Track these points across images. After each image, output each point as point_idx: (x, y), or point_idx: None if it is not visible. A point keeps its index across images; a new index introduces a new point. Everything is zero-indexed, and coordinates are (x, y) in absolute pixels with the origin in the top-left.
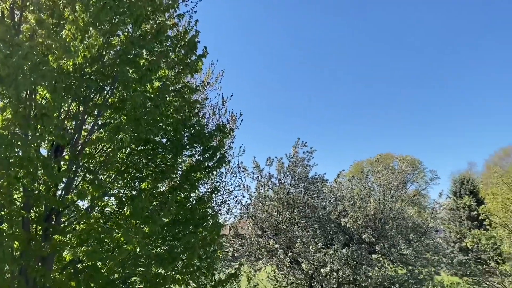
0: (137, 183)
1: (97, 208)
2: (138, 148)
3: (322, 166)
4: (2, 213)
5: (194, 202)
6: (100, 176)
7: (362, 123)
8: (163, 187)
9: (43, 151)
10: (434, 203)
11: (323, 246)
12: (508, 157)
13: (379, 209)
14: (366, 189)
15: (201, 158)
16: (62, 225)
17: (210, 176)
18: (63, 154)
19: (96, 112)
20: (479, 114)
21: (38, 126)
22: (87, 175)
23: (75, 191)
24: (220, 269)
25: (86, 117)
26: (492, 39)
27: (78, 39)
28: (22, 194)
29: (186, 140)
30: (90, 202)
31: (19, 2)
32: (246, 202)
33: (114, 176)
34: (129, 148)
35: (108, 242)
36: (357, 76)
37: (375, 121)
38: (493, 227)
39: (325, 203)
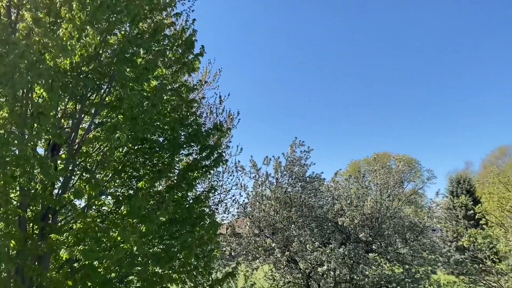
0: (134, 182)
1: (94, 207)
2: (135, 147)
3: (319, 165)
4: None
5: (191, 201)
6: (97, 175)
7: (359, 123)
8: (160, 186)
9: (40, 150)
10: (431, 202)
11: (320, 245)
12: (504, 156)
13: (376, 208)
14: (363, 188)
15: (198, 157)
16: (59, 224)
17: (207, 175)
18: (60, 153)
19: (93, 111)
20: (476, 113)
21: (35, 125)
22: (84, 174)
23: (72, 190)
24: (217, 268)
25: (83, 116)
26: (491, 39)
27: (75, 38)
28: (18, 193)
29: (183, 139)
30: (87, 201)
31: (16, 1)
32: (244, 201)
33: (111, 175)
34: (126, 147)
35: (105, 241)
36: (355, 76)
37: (373, 120)
38: (489, 226)
39: (322, 202)
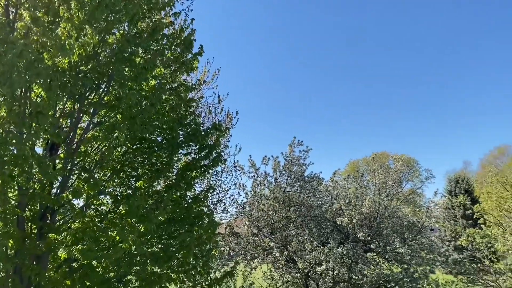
0: (132, 182)
1: (92, 206)
2: (134, 146)
3: (319, 165)
4: None
5: (189, 201)
6: (95, 174)
7: (359, 123)
8: (159, 186)
9: (38, 149)
10: (429, 202)
11: (319, 245)
12: (503, 156)
13: (375, 207)
14: (361, 188)
15: (197, 157)
16: (57, 223)
17: (206, 174)
18: (58, 153)
19: (91, 110)
20: (475, 113)
21: (33, 124)
22: (83, 174)
23: (70, 190)
24: (215, 267)
25: (81, 115)
26: (490, 39)
27: (74, 37)
28: (17, 192)
29: (182, 138)
30: (85, 200)
31: (14, 0)
32: (242, 200)
33: (109, 174)
34: (124, 146)
35: (103, 240)
36: (355, 75)
37: (372, 120)
38: (487, 226)
39: (320, 202)
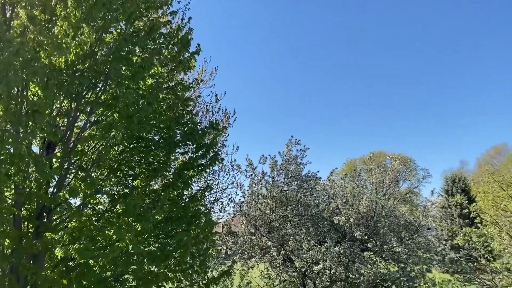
0: (129, 181)
1: (89, 205)
2: (131, 145)
3: (318, 165)
4: None
5: (187, 200)
6: (92, 173)
7: (355, 122)
8: (156, 185)
9: (35, 148)
10: (426, 201)
11: (316, 244)
12: (499, 155)
13: (372, 207)
14: (358, 187)
15: (194, 156)
16: (54, 222)
17: (203, 174)
18: (55, 151)
19: (88, 109)
20: (472, 113)
21: (30, 123)
22: (79, 173)
23: (67, 189)
24: (213, 267)
25: (78, 114)
26: (490, 39)
27: (70, 36)
28: (13, 191)
29: (179, 137)
30: (82, 199)
31: None
32: (239, 200)
33: (106, 173)
34: (121, 145)
35: (100, 239)
36: (354, 75)
37: (370, 120)
38: (484, 225)
39: (318, 201)
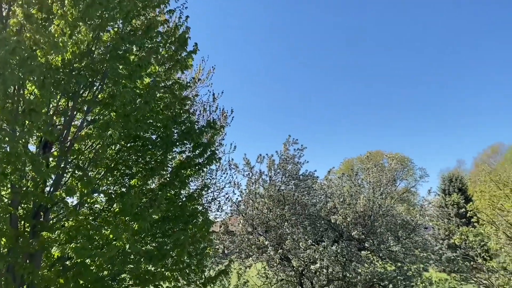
0: (126, 180)
1: (86, 204)
2: (128, 144)
3: (317, 164)
4: None
5: (184, 199)
6: (89, 172)
7: (354, 122)
8: (153, 184)
9: (32, 147)
10: (423, 201)
11: (313, 243)
12: (496, 155)
13: (369, 206)
14: (356, 186)
15: (191, 155)
16: (51, 222)
17: (201, 173)
18: (52, 150)
19: (85, 108)
20: (468, 112)
21: (26, 122)
22: (76, 172)
23: (64, 188)
24: (210, 266)
25: (75, 113)
26: (490, 39)
27: (67, 34)
28: (9, 190)
29: (176, 136)
30: (79, 198)
31: None
32: (237, 199)
33: (103, 172)
34: (118, 144)
35: (97, 239)
36: (354, 75)
37: (367, 119)
38: (480, 224)
39: (315, 200)
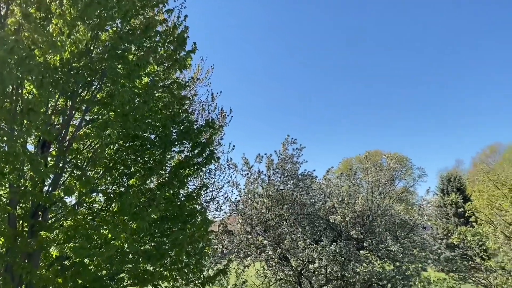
0: (125, 180)
1: (84, 204)
2: (126, 144)
3: (316, 164)
4: None
5: (182, 199)
6: (87, 172)
7: (353, 122)
8: (152, 184)
9: (30, 147)
10: (422, 200)
11: (312, 243)
12: (494, 154)
13: (367, 205)
14: (354, 186)
15: (190, 155)
16: (49, 221)
17: (199, 172)
18: (50, 150)
19: (84, 107)
20: (467, 112)
21: (25, 121)
22: (75, 171)
23: (62, 187)
24: (208, 265)
25: (73, 112)
26: (490, 39)
27: (66, 34)
28: (8, 190)
29: (175, 136)
30: (77, 198)
31: None
32: (236, 198)
33: (102, 172)
34: (117, 144)
35: (95, 238)
36: (353, 75)
37: (366, 119)
38: (479, 224)
39: (314, 200)
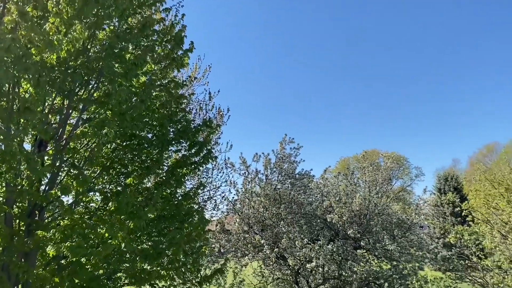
0: (122, 179)
1: (81, 203)
2: (124, 143)
3: (310, 163)
4: None
5: (180, 198)
6: (84, 171)
7: (351, 121)
8: (149, 183)
9: (27, 146)
10: (419, 199)
11: (309, 242)
12: (491, 154)
13: (365, 205)
14: (352, 185)
15: (187, 154)
16: (46, 220)
17: (196, 171)
18: (47, 149)
19: (80, 106)
20: (464, 112)
21: (21, 120)
22: (72, 170)
23: (59, 186)
24: (206, 265)
25: (70, 111)
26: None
27: (62, 33)
28: (4, 189)
29: (172, 135)
30: (74, 197)
31: None
32: (233, 198)
33: (99, 171)
34: (114, 143)
35: (92, 237)
36: (352, 75)
37: (364, 119)
38: (475, 223)
39: (311, 199)
